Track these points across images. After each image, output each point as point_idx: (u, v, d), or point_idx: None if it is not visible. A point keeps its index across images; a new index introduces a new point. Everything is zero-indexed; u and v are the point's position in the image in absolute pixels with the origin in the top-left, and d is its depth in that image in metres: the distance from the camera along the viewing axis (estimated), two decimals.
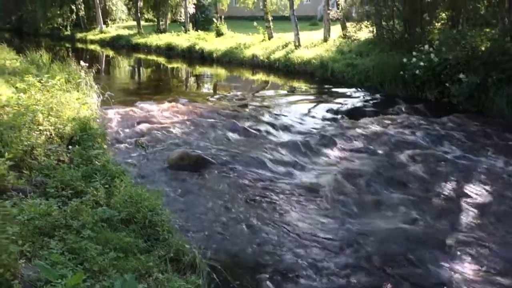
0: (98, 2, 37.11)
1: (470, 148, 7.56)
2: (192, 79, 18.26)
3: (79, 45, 32.78)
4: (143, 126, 8.68)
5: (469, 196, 5.73)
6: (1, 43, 18.09)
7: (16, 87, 7.34)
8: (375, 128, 8.75)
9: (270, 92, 13.33)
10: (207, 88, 15.82)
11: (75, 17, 39.99)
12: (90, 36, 35.31)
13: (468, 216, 5.24)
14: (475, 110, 9.80)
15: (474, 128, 8.71)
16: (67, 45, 32.01)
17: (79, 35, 36.85)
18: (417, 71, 11.14)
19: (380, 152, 7.39)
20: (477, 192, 5.86)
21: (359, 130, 8.51)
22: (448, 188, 6.03)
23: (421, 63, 11.05)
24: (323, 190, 5.83)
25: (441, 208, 5.43)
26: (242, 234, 4.76)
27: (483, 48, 10.57)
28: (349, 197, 5.69)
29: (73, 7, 39.44)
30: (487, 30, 11.20)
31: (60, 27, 40.16)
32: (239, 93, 13.19)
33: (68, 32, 39.04)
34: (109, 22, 40.23)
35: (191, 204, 5.43)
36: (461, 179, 6.26)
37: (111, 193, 4.33)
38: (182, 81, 17.87)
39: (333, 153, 7.43)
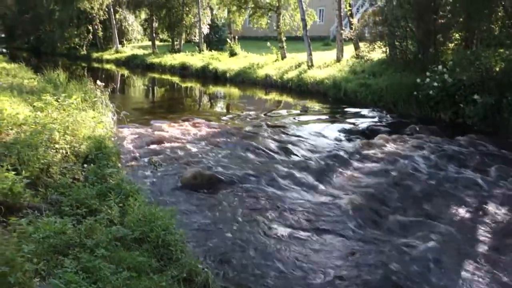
0: (114, 22, 37.90)
1: (486, 169, 7.47)
2: (205, 99, 18.41)
3: (95, 65, 33.35)
4: (157, 145, 8.75)
5: (485, 218, 5.65)
6: (19, 62, 18.51)
7: (34, 106, 7.48)
8: (389, 148, 8.71)
9: (283, 112, 13.36)
10: (220, 107, 15.93)
11: (91, 37, 40.84)
12: (106, 55, 35.96)
13: (485, 239, 5.15)
14: (490, 131, 9.72)
15: (490, 149, 8.63)
16: (83, 64, 32.55)
17: (95, 55, 37.56)
18: (430, 92, 11.12)
19: (394, 173, 7.33)
20: (493, 213, 5.77)
21: (373, 151, 8.48)
22: (464, 209, 5.94)
23: (435, 84, 11.03)
24: (337, 212, 5.79)
25: (457, 230, 5.34)
26: (255, 256, 4.72)
27: (497, 69, 10.54)
28: (363, 219, 5.63)
29: (90, 27, 40.32)
30: (501, 50, 11.16)
31: (77, 46, 41.05)
32: (252, 112, 13.25)
33: (85, 52, 39.87)
34: (125, 42, 41.01)
35: (204, 224, 5.42)
36: (477, 201, 6.18)
37: (125, 212, 4.35)
38: (196, 100, 18.02)
39: (347, 173, 7.39)
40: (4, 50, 47.30)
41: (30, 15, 46.36)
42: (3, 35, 60.25)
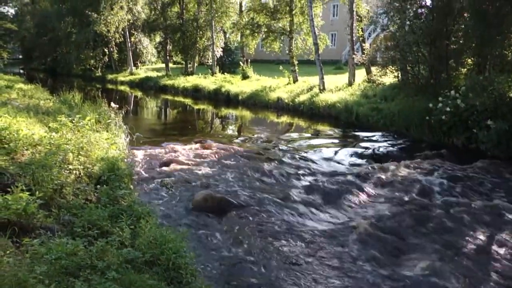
0: (129, 45, 38.60)
1: (499, 196, 7.37)
2: (217, 121, 18.53)
3: (110, 86, 33.86)
4: (169, 166, 8.80)
5: (499, 246, 5.55)
6: (36, 83, 18.89)
7: (49, 127, 7.59)
8: (402, 173, 8.65)
9: (295, 135, 13.38)
10: (232, 129, 16.01)
11: (107, 59, 41.62)
12: (121, 77, 36.54)
13: (499, 266, 5.05)
14: (504, 157, 9.62)
15: (504, 175, 8.53)
16: (98, 85, 33.10)
17: (109, 76, 38.20)
18: (443, 117, 11.08)
19: (406, 198, 7.27)
20: (508, 241, 5.66)
21: (385, 175, 8.43)
22: (479, 237, 5.84)
23: (448, 109, 11.00)
24: (349, 238, 5.73)
25: (472, 259, 5.24)
26: (265, 280, 4.68)
27: (511, 95, 10.49)
28: (374, 245, 5.56)
29: (106, 49, 41.12)
30: None
31: (92, 68, 41.84)
32: (263, 135, 13.30)
33: (100, 73, 40.57)
34: (139, 64, 41.72)
35: (214, 247, 5.40)
36: (492, 228, 6.07)
37: (136, 234, 4.36)
38: (208, 122, 18.15)
39: (359, 198, 7.34)
40: (22, 71, 48.37)
41: (48, 37, 47.45)
42: (20, 56, 61.67)
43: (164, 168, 8.72)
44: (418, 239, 5.79)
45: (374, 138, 12.42)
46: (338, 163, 9.76)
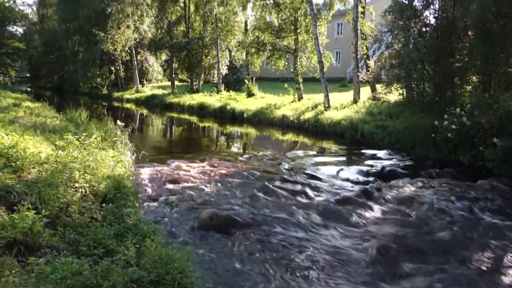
0: (136, 63, 39.03)
1: (507, 214, 7.30)
2: (222, 138, 18.58)
3: (116, 104, 34.10)
4: (174, 184, 8.81)
5: (506, 266, 5.47)
6: (43, 101, 19.08)
7: (56, 145, 7.64)
8: (407, 191, 8.60)
9: (300, 153, 13.37)
10: (237, 147, 16.03)
11: (113, 77, 42.07)
12: (127, 95, 36.83)
13: (508, 284, 4.98)
14: (511, 175, 9.55)
15: (511, 193, 8.45)
16: (104, 103, 33.34)
17: (116, 94, 38.52)
18: (449, 134, 11.06)
19: (412, 216, 7.21)
20: None
21: (390, 193, 8.38)
22: (487, 256, 5.77)
23: (453, 126, 11.00)
24: (356, 256, 5.68)
25: (476, 278, 5.18)
26: None
27: None
28: (380, 264, 5.51)
29: (112, 68, 41.58)
30: None
31: (99, 86, 42.26)
32: (269, 153, 13.31)
33: (106, 91, 40.94)
34: (145, 82, 42.10)
35: (220, 266, 5.36)
36: (498, 247, 6.00)
37: (141, 253, 4.34)
38: (213, 140, 18.20)
39: (364, 216, 7.29)
40: (29, 89, 48.93)
41: (55, 56, 48.14)
42: (28, 75, 62.46)
43: (170, 186, 8.73)
44: (424, 258, 5.73)
45: (379, 156, 12.39)
46: (344, 181, 9.72)
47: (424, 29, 14.70)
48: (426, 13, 14.68)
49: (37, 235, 4.18)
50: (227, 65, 32.67)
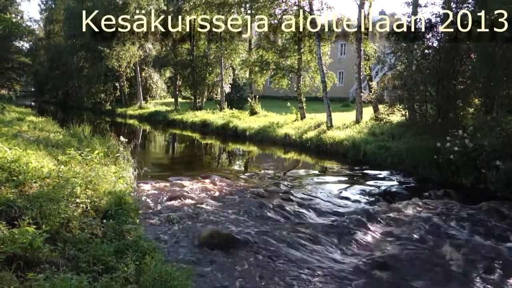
0: (140, 80, 39.31)
1: (509, 237, 7.24)
2: (224, 156, 18.58)
3: (119, 119, 34.23)
4: (175, 201, 8.78)
5: None
6: (47, 116, 19.18)
7: (58, 160, 7.65)
8: (409, 212, 8.55)
9: (302, 172, 13.35)
10: (239, 165, 16.02)
11: (118, 93, 42.35)
12: (130, 111, 36.98)
13: None
14: None
15: None
16: (108, 119, 33.48)
17: (119, 110, 38.69)
18: (451, 156, 11.04)
19: (414, 238, 7.15)
20: None
21: (392, 214, 8.33)
22: (486, 280, 5.71)
23: (456, 148, 10.98)
24: (355, 276, 5.63)
25: None
26: None
27: None
28: (381, 285, 5.45)
29: (116, 84, 41.89)
30: None
31: (102, 101, 42.49)
32: (270, 171, 13.28)
33: (109, 107, 41.14)
34: (149, 98, 42.32)
35: (220, 285, 5.31)
36: (500, 271, 5.94)
37: (141, 270, 4.31)
38: (215, 157, 18.19)
39: (366, 237, 7.23)
40: (33, 103, 49.24)
41: (60, 71, 48.53)
42: (33, 89, 62.88)
43: (171, 203, 8.70)
44: (426, 280, 5.67)
45: (381, 176, 12.35)
46: (346, 201, 9.67)
47: (427, 51, 14.81)
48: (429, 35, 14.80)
49: (37, 251, 4.16)
50: (230, 83, 32.82)
